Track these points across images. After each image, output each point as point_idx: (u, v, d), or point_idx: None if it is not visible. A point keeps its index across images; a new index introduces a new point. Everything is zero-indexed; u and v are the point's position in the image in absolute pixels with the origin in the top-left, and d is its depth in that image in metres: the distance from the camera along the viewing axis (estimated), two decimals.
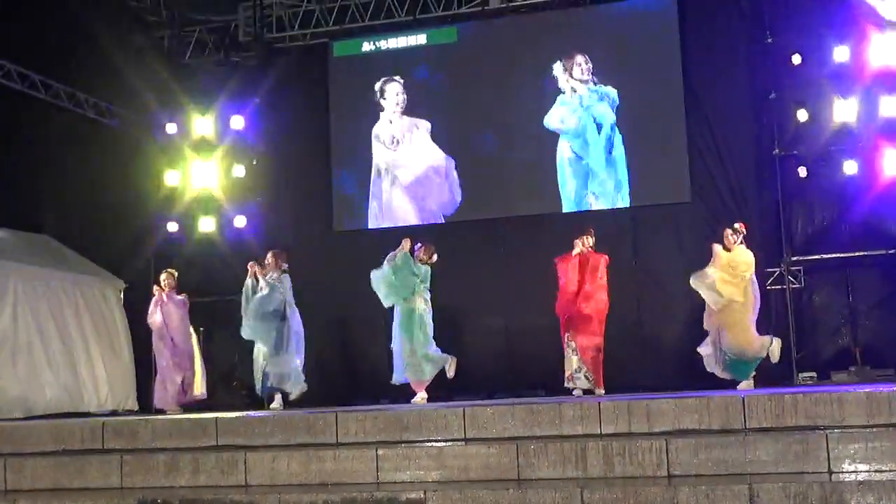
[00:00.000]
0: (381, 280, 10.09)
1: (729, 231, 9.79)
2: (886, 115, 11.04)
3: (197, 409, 11.01)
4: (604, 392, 9.77)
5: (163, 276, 11.16)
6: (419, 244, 10.17)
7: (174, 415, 9.85)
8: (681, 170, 12.21)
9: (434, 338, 10.11)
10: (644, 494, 5.52)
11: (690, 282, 9.78)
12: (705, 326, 9.80)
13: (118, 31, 13.74)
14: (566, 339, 10.04)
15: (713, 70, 12.18)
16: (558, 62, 12.77)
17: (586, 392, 9.85)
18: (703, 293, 9.71)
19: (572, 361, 9.99)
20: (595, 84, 12.67)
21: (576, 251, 10.11)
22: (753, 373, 9.65)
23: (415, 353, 9.99)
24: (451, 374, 10.05)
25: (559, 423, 6.62)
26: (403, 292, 10.02)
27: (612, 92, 12.62)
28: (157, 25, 14.24)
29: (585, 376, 9.91)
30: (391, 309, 10.20)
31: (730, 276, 9.58)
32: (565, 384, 10.01)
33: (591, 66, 12.69)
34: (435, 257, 10.21)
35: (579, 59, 12.72)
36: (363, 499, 6.00)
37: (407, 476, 6.43)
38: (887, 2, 11.01)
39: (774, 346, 9.66)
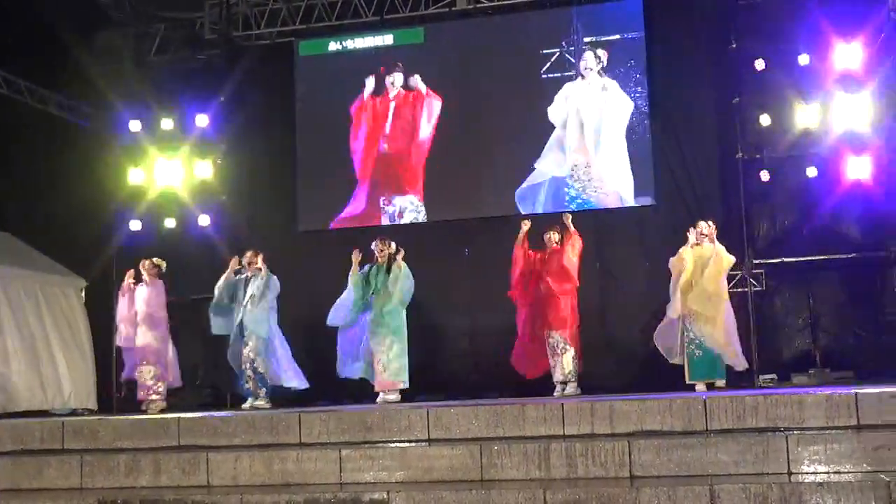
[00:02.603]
0: None
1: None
2: (847, 121, 11.16)
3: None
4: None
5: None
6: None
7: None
8: (645, 173, 12.27)
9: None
10: (606, 495, 5.55)
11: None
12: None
13: (83, 28, 13.61)
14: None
15: (678, 74, 12.26)
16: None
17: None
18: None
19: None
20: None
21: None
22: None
23: None
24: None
25: (522, 423, 6.65)
26: None
27: None
28: (122, 22, 14.10)
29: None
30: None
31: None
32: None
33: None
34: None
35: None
36: (326, 499, 6.00)
37: (370, 476, 6.43)
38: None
39: None
